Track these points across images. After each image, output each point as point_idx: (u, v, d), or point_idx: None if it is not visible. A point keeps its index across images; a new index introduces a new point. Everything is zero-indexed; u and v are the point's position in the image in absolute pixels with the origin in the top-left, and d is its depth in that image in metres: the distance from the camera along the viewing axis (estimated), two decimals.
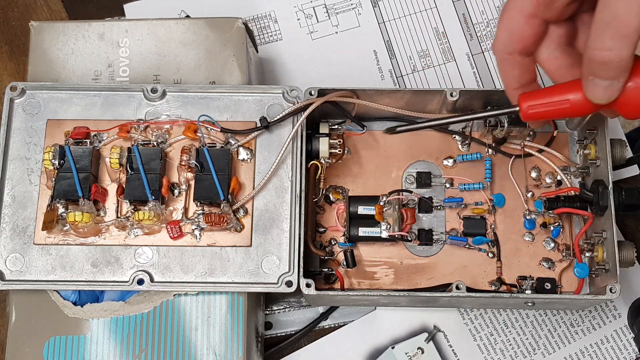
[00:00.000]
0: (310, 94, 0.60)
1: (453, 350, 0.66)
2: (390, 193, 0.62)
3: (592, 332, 0.67)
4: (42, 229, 0.58)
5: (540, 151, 0.64)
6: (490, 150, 0.65)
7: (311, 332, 0.67)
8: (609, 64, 0.45)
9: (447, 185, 0.65)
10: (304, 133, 0.61)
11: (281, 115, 0.60)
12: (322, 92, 0.60)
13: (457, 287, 0.57)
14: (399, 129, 0.55)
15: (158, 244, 0.59)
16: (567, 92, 0.50)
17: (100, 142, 0.61)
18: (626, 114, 0.49)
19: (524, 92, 0.51)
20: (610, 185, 0.58)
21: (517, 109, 0.51)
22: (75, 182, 0.58)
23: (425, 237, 0.63)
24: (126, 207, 0.59)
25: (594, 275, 0.61)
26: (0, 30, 0.75)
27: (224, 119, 0.61)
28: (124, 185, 0.59)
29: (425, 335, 0.66)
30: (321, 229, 0.64)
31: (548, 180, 0.64)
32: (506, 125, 0.61)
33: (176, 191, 0.60)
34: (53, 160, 0.59)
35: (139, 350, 0.59)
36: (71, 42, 0.65)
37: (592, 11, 0.45)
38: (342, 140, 0.63)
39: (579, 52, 0.51)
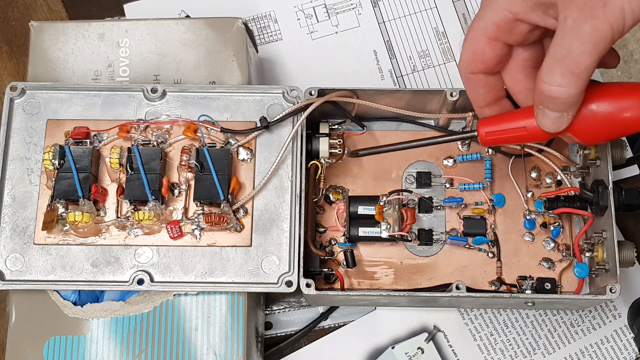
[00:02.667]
0: (310, 94, 0.60)
1: (453, 350, 0.66)
2: (390, 193, 0.62)
3: (592, 332, 0.67)
4: (42, 229, 0.58)
5: (540, 151, 0.64)
6: (490, 150, 0.65)
7: (311, 332, 0.67)
8: (557, 99, 0.46)
9: (447, 185, 0.65)
10: (304, 133, 0.61)
11: (281, 115, 0.60)
12: (322, 92, 0.60)
13: (457, 287, 0.57)
14: (361, 152, 0.59)
15: (158, 244, 0.59)
16: (523, 119, 0.51)
17: (100, 142, 0.61)
18: (583, 140, 0.50)
19: (492, 109, 0.53)
20: (610, 185, 0.58)
21: (476, 134, 0.53)
22: (75, 182, 0.58)
23: (425, 237, 0.63)
24: (126, 207, 0.59)
25: (594, 275, 0.61)
26: (0, 30, 0.75)
27: (224, 119, 0.61)
28: (124, 185, 0.59)
29: (425, 335, 0.66)
30: (321, 229, 0.64)
31: (548, 180, 0.64)
32: None
33: (176, 191, 0.60)
34: (53, 160, 0.59)
35: (139, 350, 0.59)
36: (71, 42, 0.65)
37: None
38: (342, 140, 0.63)
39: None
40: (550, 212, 0.62)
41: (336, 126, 0.64)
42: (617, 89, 0.49)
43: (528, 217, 0.63)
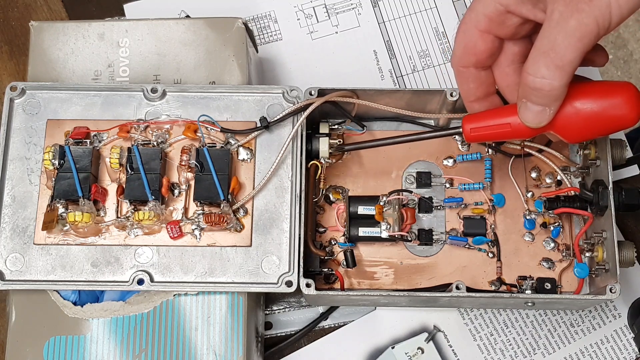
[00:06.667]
0: (310, 94, 0.60)
1: (453, 350, 0.66)
2: (390, 193, 0.62)
3: (592, 332, 0.67)
4: (42, 229, 0.58)
5: (540, 151, 0.64)
6: (490, 150, 0.65)
7: (311, 332, 0.67)
8: (540, 91, 0.46)
9: (447, 185, 0.65)
10: (304, 133, 0.61)
11: (281, 115, 0.60)
12: (322, 92, 0.60)
13: (457, 287, 0.57)
14: (346, 148, 0.61)
15: (158, 244, 0.59)
16: (508, 115, 0.51)
17: (100, 142, 0.61)
18: (566, 138, 0.50)
19: (482, 105, 0.53)
20: (610, 185, 0.58)
21: (461, 130, 0.53)
22: (75, 182, 0.58)
23: (425, 237, 0.63)
24: (126, 207, 0.59)
25: (594, 275, 0.61)
26: (0, 30, 0.75)
27: (224, 119, 0.61)
28: (124, 185, 0.59)
29: (425, 335, 0.66)
30: (321, 229, 0.64)
31: (548, 180, 0.64)
32: None
33: (176, 191, 0.60)
34: (53, 160, 0.59)
35: (139, 350, 0.59)
36: (71, 42, 0.65)
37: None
38: (342, 140, 0.63)
39: None
40: (550, 212, 0.62)
41: (336, 126, 0.64)
42: (601, 87, 0.49)
43: (528, 217, 0.63)
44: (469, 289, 0.58)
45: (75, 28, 0.65)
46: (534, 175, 0.64)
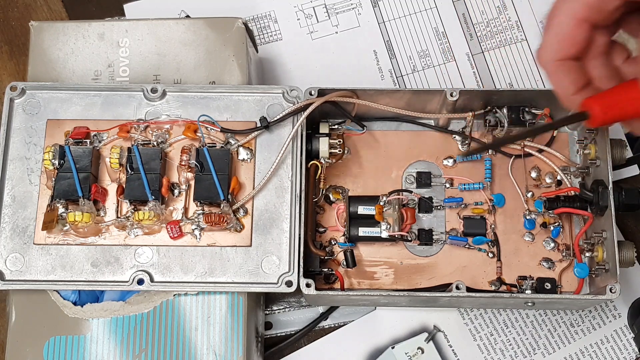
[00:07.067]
0: (310, 94, 0.60)
1: (453, 350, 0.66)
2: (390, 193, 0.62)
3: (592, 332, 0.67)
4: (42, 229, 0.58)
5: (540, 151, 0.64)
6: (490, 150, 0.65)
7: (311, 332, 0.67)
8: None
9: (447, 185, 0.65)
10: (304, 133, 0.61)
11: (281, 115, 0.60)
12: (322, 92, 0.60)
13: (457, 287, 0.57)
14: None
15: (158, 244, 0.59)
16: (636, 89, 0.47)
17: (100, 142, 0.61)
18: None
19: (583, 96, 0.49)
20: (610, 185, 0.58)
21: (586, 114, 0.48)
22: (75, 182, 0.58)
23: (425, 237, 0.63)
24: (126, 207, 0.59)
25: (594, 275, 0.61)
26: (0, 30, 0.75)
27: (224, 119, 0.61)
28: (124, 185, 0.59)
29: (425, 335, 0.66)
30: (321, 229, 0.64)
31: (548, 180, 0.64)
32: (506, 125, 0.61)
33: (176, 191, 0.60)
34: (53, 160, 0.59)
35: (139, 350, 0.59)
36: (71, 42, 0.65)
37: (634, 15, 0.44)
38: (342, 140, 0.63)
39: (613, 64, 0.50)
40: (550, 212, 0.62)
41: (336, 126, 0.64)
42: None
43: (528, 217, 0.63)
44: (469, 289, 0.58)
45: (75, 28, 0.65)
46: (534, 175, 0.64)
